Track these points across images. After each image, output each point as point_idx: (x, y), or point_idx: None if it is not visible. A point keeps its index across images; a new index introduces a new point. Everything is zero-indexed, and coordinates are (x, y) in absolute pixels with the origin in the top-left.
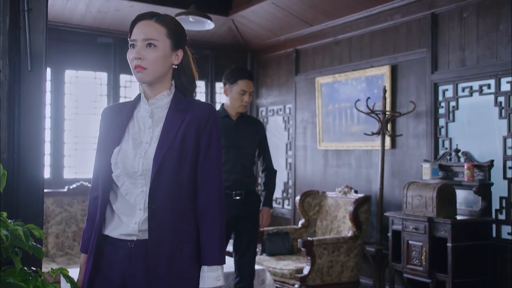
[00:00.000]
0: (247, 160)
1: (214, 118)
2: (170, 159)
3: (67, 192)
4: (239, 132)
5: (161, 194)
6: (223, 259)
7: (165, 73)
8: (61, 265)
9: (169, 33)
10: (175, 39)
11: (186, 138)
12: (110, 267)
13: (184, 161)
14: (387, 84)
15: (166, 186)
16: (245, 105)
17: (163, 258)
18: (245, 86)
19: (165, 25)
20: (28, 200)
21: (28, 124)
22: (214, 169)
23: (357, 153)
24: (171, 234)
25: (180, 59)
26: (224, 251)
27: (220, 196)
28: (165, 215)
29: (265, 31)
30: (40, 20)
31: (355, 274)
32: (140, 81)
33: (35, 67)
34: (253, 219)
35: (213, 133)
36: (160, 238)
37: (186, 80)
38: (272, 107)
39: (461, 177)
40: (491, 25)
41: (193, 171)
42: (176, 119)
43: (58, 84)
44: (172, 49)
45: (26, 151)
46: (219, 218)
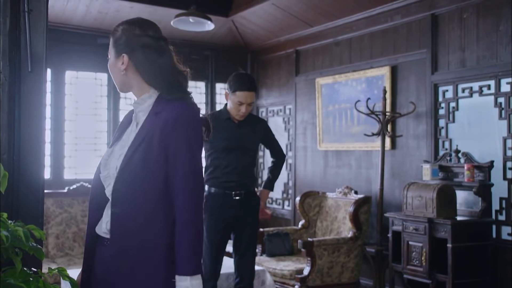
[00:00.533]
0: (248, 161)
1: (184, 120)
2: (135, 164)
3: (67, 192)
4: (241, 133)
5: (125, 199)
6: (193, 269)
7: (126, 79)
8: (61, 265)
9: (113, 42)
10: (116, 46)
11: (153, 142)
12: (97, 264)
13: (151, 166)
14: (387, 85)
15: (131, 192)
16: (241, 115)
17: (125, 263)
18: (243, 97)
19: (111, 35)
20: (28, 201)
21: (28, 125)
22: (183, 176)
23: (357, 153)
24: (136, 240)
25: (126, 63)
26: (195, 261)
27: (190, 204)
28: (128, 221)
29: (265, 32)
30: (40, 21)
31: (355, 275)
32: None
33: (36, 68)
34: (253, 219)
35: (181, 137)
36: (122, 244)
37: (156, 77)
38: (272, 107)
39: (461, 178)
40: (491, 26)
41: (164, 177)
42: (150, 123)
43: (59, 85)
44: (116, 56)
45: (27, 152)
46: (189, 227)
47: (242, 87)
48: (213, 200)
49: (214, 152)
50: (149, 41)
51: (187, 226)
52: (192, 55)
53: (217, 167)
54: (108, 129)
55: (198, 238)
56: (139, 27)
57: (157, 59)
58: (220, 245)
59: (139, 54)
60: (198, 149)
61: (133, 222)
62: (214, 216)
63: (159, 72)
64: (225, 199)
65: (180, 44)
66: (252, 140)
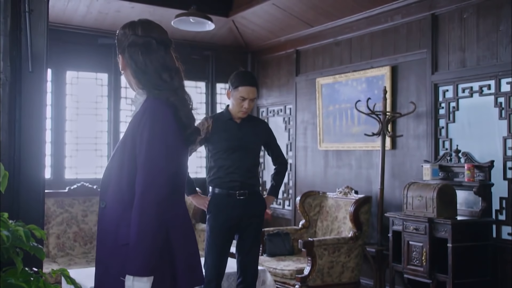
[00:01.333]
0: (251, 162)
1: (148, 115)
2: (115, 161)
3: (68, 192)
4: (243, 134)
5: (109, 194)
6: (136, 270)
7: (127, 79)
8: (62, 265)
9: (116, 44)
10: (117, 48)
11: (127, 140)
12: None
13: (125, 163)
14: (388, 85)
15: (112, 187)
16: (244, 111)
17: (102, 258)
18: (245, 92)
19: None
20: (29, 201)
21: (29, 125)
22: (141, 172)
23: (357, 153)
24: (113, 235)
25: (121, 63)
26: (139, 262)
27: (138, 203)
28: (111, 215)
29: (265, 32)
30: (41, 21)
31: (356, 274)
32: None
33: (36, 68)
34: (256, 219)
35: (144, 133)
36: (103, 238)
37: (142, 76)
38: (273, 107)
39: (462, 178)
40: (491, 26)
41: (134, 174)
42: (132, 120)
43: (59, 85)
44: (119, 57)
45: (27, 152)
46: (134, 227)
47: (243, 82)
48: (217, 201)
49: (217, 153)
50: (134, 40)
51: (133, 226)
52: (192, 55)
53: (220, 167)
54: (108, 129)
55: (142, 239)
56: (130, 27)
57: (142, 58)
58: (224, 245)
59: (126, 53)
60: (161, 146)
61: (108, 217)
62: (218, 217)
63: (144, 71)
64: (229, 199)
65: (180, 44)
66: (254, 141)
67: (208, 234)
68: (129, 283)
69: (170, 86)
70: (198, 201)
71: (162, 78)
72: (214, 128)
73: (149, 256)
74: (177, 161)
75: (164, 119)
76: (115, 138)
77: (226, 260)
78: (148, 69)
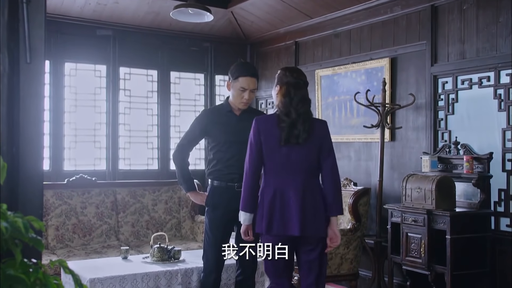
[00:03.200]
0: None
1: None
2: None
3: (66, 184)
4: (242, 127)
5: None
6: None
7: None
8: (61, 257)
9: (277, 79)
10: (278, 82)
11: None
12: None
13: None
14: (387, 77)
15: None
16: (245, 102)
17: None
18: (245, 83)
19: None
20: (27, 192)
21: (27, 117)
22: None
23: (356, 145)
24: None
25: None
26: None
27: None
28: None
29: (264, 23)
30: (38, 12)
31: (354, 266)
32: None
33: (34, 59)
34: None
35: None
36: None
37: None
38: (272, 99)
39: (460, 170)
40: (491, 18)
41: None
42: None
43: (58, 77)
44: (278, 86)
45: (25, 144)
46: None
47: (244, 72)
48: (215, 193)
49: (216, 145)
50: (290, 80)
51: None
52: (191, 47)
53: (219, 160)
54: (107, 121)
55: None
56: (288, 70)
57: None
58: (223, 237)
59: (285, 86)
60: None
61: None
62: (217, 209)
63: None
64: (227, 191)
65: (179, 36)
66: None
67: (207, 227)
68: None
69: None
70: (196, 197)
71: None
72: (213, 121)
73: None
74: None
75: (255, 126)
76: (113, 129)
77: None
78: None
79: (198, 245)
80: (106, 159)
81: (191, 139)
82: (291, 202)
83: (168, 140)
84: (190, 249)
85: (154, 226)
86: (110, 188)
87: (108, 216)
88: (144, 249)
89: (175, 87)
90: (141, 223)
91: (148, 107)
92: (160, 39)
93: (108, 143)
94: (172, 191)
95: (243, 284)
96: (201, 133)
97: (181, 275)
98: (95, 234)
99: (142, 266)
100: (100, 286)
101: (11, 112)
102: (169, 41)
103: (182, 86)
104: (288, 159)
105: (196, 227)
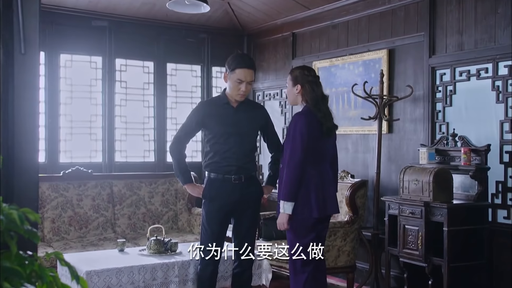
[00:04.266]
0: (247, 147)
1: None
2: (285, 143)
3: (62, 176)
4: (239, 119)
5: (283, 160)
6: (284, 196)
7: (296, 98)
8: (57, 249)
9: (298, 78)
10: (300, 80)
11: (290, 130)
12: None
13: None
14: (385, 68)
15: (284, 158)
16: (241, 94)
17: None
18: (242, 75)
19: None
20: (23, 185)
21: (22, 108)
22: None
23: (354, 137)
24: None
25: (301, 91)
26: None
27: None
28: (283, 171)
29: (261, 14)
30: (33, 2)
31: (352, 258)
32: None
33: (29, 50)
34: (252, 204)
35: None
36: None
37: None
38: (269, 91)
39: (458, 162)
40: (490, 9)
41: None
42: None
43: (53, 68)
44: (298, 86)
45: (21, 136)
46: (286, 175)
47: (241, 64)
48: (212, 186)
49: (213, 138)
50: (311, 79)
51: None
52: (187, 38)
53: (216, 152)
54: (103, 113)
55: (288, 182)
56: (306, 69)
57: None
58: (220, 230)
59: (307, 84)
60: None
61: (282, 172)
62: (214, 202)
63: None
64: (224, 184)
65: (175, 27)
66: (250, 126)
67: (204, 219)
68: (281, 204)
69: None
70: (193, 190)
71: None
72: (210, 113)
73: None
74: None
75: (303, 121)
76: (109, 121)
77: (223, 244)
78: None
79: (195, 237)
80: (102, 151)
81: (187, 131)
82: (330, 188)
83: (165, 132)
84: (187, 242)
85: (151, 218)
86: (107, 180)
87: (105, 209)
88: (141, 242)
89: (172, 79)
90: (137, 215)
91: (144, 99)
92: (156, 30)
93: (104, 135)
94: (169, 183)
95: (241, 276)
96: (197, 125)
97: (178, 267)
98: (91, 226)
99: (138, 258)
100: (97, 279)
101: (6, 104)
102: (166, 32)
103: (179, 78)
104: (325, 150)
105: (193, 219)
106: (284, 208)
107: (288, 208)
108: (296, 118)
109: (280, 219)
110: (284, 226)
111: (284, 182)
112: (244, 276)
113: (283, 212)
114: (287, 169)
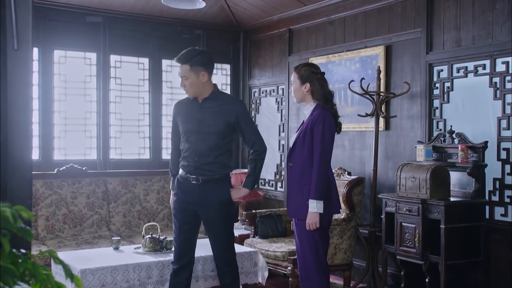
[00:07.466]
0: (208, 145)
1: (321, 117)
2: (299, 140)
3: (56, 174)
4: (201, 115)
5: (294, 158)
6: (315, 195)
7: (304, 95)
8: (51, 247)
9: (305, 76)
10: (307, 78)
11: (307, 129)
12: None
13: (306, 142)
14: (382, 65)
15: (296, 155)
16: (185, 90)
17: (291, 193)
18: (179, 71)
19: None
20: (16, 182)
21: (15, 105)
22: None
23: (350, 134)
24: (297, 179)
25: (309, 88)
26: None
27: (318, 164)
28: (296, 169)
29: (258, 10)
30: None
31: (348, 256)
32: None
33: (22, 46)
34: (213, 207)
35: (319, 127)
36: (291, 182)
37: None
38: (265, 88)
39: (455, 159)
40: (487, 5)
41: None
42: (310, 119)
43: (47, 64)
44: (307, 84)
45: (13, 133)
46: (316, 175)
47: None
48: (177, 183)
49: (182, 136)
50: (319, 76)
51: (313, 175)
52: (182, 34)
53: (182, 150)
54: (97, 110)
55: (317, 182)
56: (312, 66)
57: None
58: (187, 228)
59: (315, 81)
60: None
61: (294, 171)
62: (177, 198)
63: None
64: (185, 183)
65: (170, 23)
66: (214, 123)
67: (173, 217)
68: (313, 204)
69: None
70: (171, 197)
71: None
72: (180, 110)
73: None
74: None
75: (330, 119)
76: (104, 118)
77: (193, 245)
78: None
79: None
80: (97, 148)
81: (173, 133)
82: (335, 187)
83: (160, 129)
84: None
85: (146, 216)
86: (101, 177)
87: (99, 206)
88: (136, 240)
89: (167, 75)
90: (132, 213)
91: (139, 95)
92: (151, 26)
93: (99, 132)
94: (164, 180)
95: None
96: (175, 125)
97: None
98: (86, 224)
99: (133, 256)
100: (91, 277)
101: None
102: (161, 28)
103: (174, 74)
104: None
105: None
106: (317, 207)
107: (321, 207)
108: (324, 114)
109: (312, 219)
110: (317, 225)
111: (314, 181)
112: (225, 270)
113: (315, 211)
114: (318, 168)
